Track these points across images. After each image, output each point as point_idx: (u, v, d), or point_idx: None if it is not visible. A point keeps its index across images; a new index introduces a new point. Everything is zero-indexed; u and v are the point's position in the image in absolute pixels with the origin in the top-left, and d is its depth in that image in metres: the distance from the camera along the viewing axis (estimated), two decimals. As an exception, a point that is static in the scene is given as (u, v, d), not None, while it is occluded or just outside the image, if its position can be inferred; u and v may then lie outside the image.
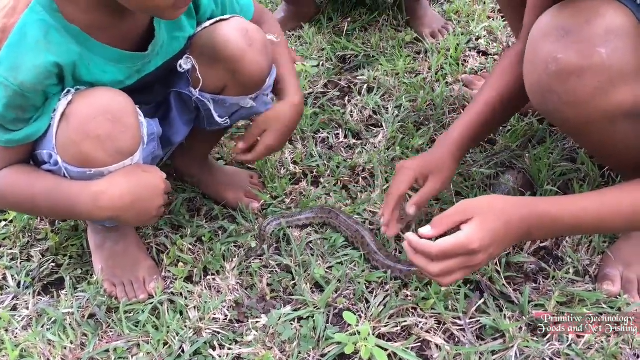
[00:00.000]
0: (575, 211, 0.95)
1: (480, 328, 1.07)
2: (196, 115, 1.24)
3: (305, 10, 2.03)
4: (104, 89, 0.99)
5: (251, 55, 1.12)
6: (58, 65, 0.94)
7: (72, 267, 1.25)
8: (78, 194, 0.99)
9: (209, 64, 1.13)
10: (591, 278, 1.14)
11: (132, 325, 1.10)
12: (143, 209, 1.03)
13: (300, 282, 1.16)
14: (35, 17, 0.93)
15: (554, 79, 0.92)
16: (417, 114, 1.59)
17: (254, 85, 1.17)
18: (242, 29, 1.12)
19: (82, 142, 0.95)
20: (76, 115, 0.95)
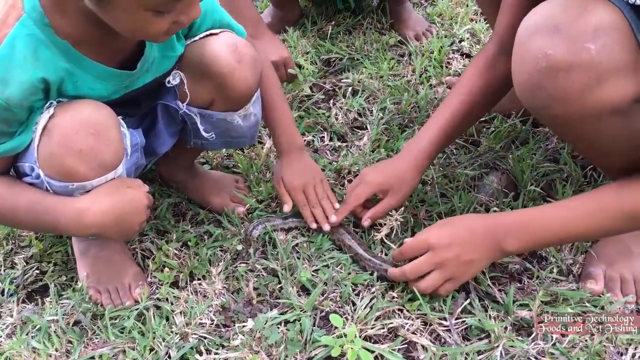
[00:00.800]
0: (543, 216, 1.03)
1: (466, 328, 1.08)
2: (182, 128, 1.24)
3: (290, 14, 2.04)
4: (86, 101, 0.98)
5: (240, 72, 1.12)
6: (45, 81, 0.93)
7: (56, 274, 1.24)
8: (61, 210, 0.98)
9: (198, 78, 1.13)
10: (575, 277, 1.15)
11: (118, 331, 1.10)
12: (126, 225, 1.03)
13: (286, 285, 1.16)
14: (25, 32, 0.90)
15: (544, 75, 0.93)
16: (401, 116, 1.60)
17: (241, 101, 1.18)
18: (231, 44, 1.11)
19: (65, 157, 0.94)
20: (58, 129, 0.94)
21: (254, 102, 1.20)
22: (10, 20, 0.90)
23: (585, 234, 1.03)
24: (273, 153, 1.51)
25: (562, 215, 1.01)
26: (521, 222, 1.04)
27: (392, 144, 1.50)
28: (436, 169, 1.40)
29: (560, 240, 1.10)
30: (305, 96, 1.71)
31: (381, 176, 1.24)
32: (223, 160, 1.53)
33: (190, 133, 1.22)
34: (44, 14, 0.90)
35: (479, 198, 1.31)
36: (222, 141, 1.24)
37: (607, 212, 0.98)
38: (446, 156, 1.46)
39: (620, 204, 0.97)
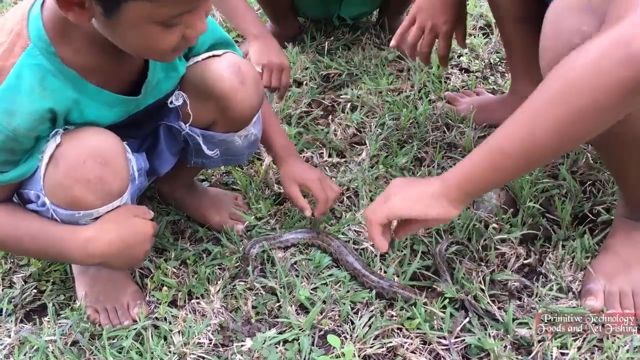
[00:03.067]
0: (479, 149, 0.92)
1: (465, 347, 1.07)
2: (184, 147, 1.24)
3: (289, 30, 2.05)
4: (93, 129, 0.98)
5: (243, 93, 1.12)
6: (52, 111, 0.93)
7: (54, 293, 1.23)
8: (67, 240, 0.98)
9: (200, 99, 1.13)
10: (574, 294, 1.15)
11: (116, 351, 1.09)
12: (131, 255, 1.03)
13: (285, 304, 1.15)
14: (32, 61, 0.90)
15: None
16: (400, 132, 1.60)
17: (243, 122, 1.18)
18: (234, 66, 1.12)
19: (72, 186, 0.94)
20: (65, 158, 0.94)
21: (254, 123, 1.20)
22: (17, 49, 0.90)
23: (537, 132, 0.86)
24: (272, 169, 1.51)
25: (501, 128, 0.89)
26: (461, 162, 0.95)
27: (391, 160, 1.50)
28: (435, 185, 1.40)
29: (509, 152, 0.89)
30: (304, 112, 1.71)
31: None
32: (222, 177, 1.53)
33: (192, 152, 1.22)
34: (50, 43, 0.90)
35: (477, 214, 1.31)
36: (222, 159, 1.25)
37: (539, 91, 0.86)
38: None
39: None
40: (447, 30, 1.42)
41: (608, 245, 1.19)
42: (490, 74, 1.85)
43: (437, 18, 1.40)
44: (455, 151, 1.53)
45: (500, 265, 1.22)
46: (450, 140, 1.57)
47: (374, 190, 1.41)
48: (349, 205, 1.40)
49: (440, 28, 1.41)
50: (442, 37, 1.43)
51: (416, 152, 1.52)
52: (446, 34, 1.42)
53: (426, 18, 1.41)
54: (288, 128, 1.61)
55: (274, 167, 1.52)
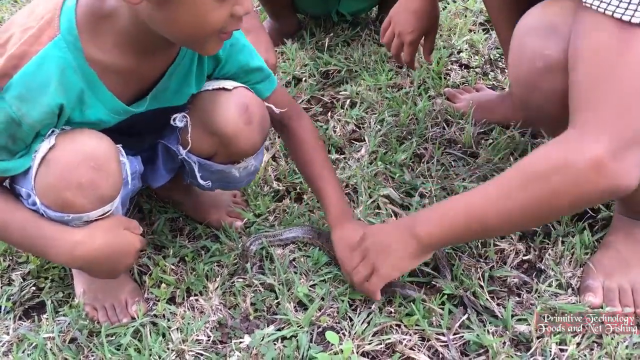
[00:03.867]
0: (449, 199, 1.05)
1: (464, 344, 1.07)
2: (181, 166, 1.23)
3: (288, 26, 2.04)
4: (87, 132, 0.97)
5: (247, 133, 1.11)
6: (62, 106, 0.92)
7: (53, 291, 1.23)
8: (56, 239, 0.98)
9: (203, 131, 1.12)
10: (574, 290, 1.14)
11: (114, 348, 1.09)
12: (113, 266, 1.03)
13: (283, 300, 1.15)
14: (57, 53, 0.90)
15: (540, 74, 0.93)
16: (399, 128, 1.60)
17: (242, 156, 1.17)
18: (242, 105, 1.09)
19: (64, 190, 0.93)
20: (58, 161, 0.93)
21: (256, 156, 1.19)
22: (44, 38, 0.89)
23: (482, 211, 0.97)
24: (271, 166, 1.50)
25: (466, 198, 1.01)
26: (428, 209, 1.09)
27: (390, 156, 1.49)
28: (434, 182, 1.39)
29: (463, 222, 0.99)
30: (303, 108, 1.70)
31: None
32: (221, 174, 1.53)
33: (188, 174, 1.21)
34: (79, 38, 0.90)
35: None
36: (217, 185, 1.23)
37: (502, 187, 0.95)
38: (444, 168, 1.46)
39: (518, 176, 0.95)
40: (411, 40, 1.45)
41: (607, 242, 1.18)
42: (490, 69, 1.85)
43: (404, 27, 1.45)
44: (455, 147, 1.53)
45: (499, 261, 1.22)
46: (449, 136, 1.56)
47: (372, 187, 1.41)
48: (348, 202, 1.40)
49: (405, 37, 1.45)
50: (407, 45, 1.47)
51: (415, 149, 1.52)
52: (411, 43, 1.46)
53: (396, 24, 1.47)
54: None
55: (272, 164, 1.52)
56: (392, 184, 1.43)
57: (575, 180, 0.87)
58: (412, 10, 1.43)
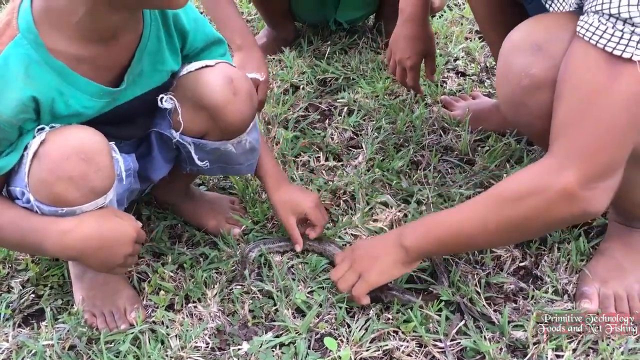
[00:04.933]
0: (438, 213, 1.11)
1: (461, 350, 1.07)
2: (177, 154, 1.24)
3: (286, 34, 2.06)
4: (78, 127, 0.98)
5: (234, 105, 1.13)
6: (35, 100, 0.94)
7: (52, 298, 1.24)
8: (46, 230, 0.98)
9: (192, 109, 1.13)
10: (570, 297, 1.15)
11: (113, 355, 1.09)
12: (108, 255, 1.02)
13: (281, 307, 1.16)
14: (19, 51, 0.92)
15: (526, 92, 0.95)
16: (396, 135, 1.61)
17: (235, 132, 1.18)
18: (227, 77, 1.12)
19: (55, 183, 0.94)
20: (49, 155, 0.94)
21: (249, 131, 1.20)
22: (5, 38, 0.92)
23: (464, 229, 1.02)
24: (269, 174, 1.51)
25: (453, 211, 1.07)
26: (417, 222, 1.13)
27: (388, 164, 1.50)
28: (431, 189, 1.40)
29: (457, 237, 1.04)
30: (300, 116, 1.72)
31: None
32: (219, 181, 1.54)
33: (186, 160, 1.23)
34: (38, 35, 0.92)
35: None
36: (217, 167, 1.25)
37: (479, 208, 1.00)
38: (441, 175, 1.47)
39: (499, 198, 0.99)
40: (411, 65, 1.51)
41: (603, 249, 1.20)
42: (487, 77, 1.86)
43: (402, 53, 1.50)
44: (452, 154, 1.54)
45: (496, 268, 1.23)
46: (446, 143, 1.57)
47: (370, 194, 1.42)
48: (346, 209, 1.41)
49: (405, 63, 1.51)
50: (409, 70, 1.52)
51: (412, 156, 1.53)
52: (411, 68, 1.51)
53: (395, 52, 1.52)
54: (285, 132, 1.62)
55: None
56: (389, 191, 1.44)
57: (546, 206, 0.92)
58: (405, 37, 1.48)
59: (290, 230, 1.28)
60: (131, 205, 1.32)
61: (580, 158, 0.89)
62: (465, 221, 1.01)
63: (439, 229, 1.06)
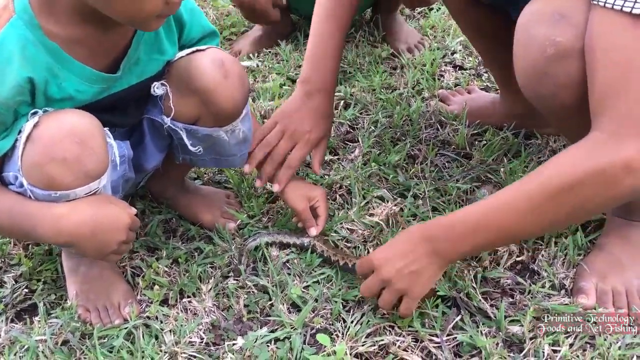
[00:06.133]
0: (469, 212, 1.00)
1: (457, 345, 1.07)
2: (170, 142, 1.24)
3: (282, 27, 2.04)
4: (71, 110, 0.98)
5: (225, 88, 1.12)
6: (31, 80, 0.94)
7: (45, 293, 1.23)
8: (40, 215, 0.97)
9: (184, 93, 1.13)
10: (567, 292, 1.15)
11: (107, 351, 1.08)
12: (102, 241, 1.01)
13: (277, 302, 1.15)
14: (15, 32, 0.92)
15: (551, 62, 0.93)
16: (393, 129, 1.60)
17: (227, 118, 1.17)
18: (218, 60, 1.11)
19: (48, 165, 0.94)
20: (42, 137, 0.94)
21: (242, 119, 1.20)
22: (1, 21, 0.92)
23: (514, 226, 0.95)
24: (265, 168, 1.50)
25: (484, 210, 0.98)
26: (447, 225, 1.01)
27: (384, 158, 1.49)
28: (428, 183, 1.40)
29: (494, 237, 0.99)
30: (297, 110, 1.70)
31: None
32: (214, 175, 1.53)
33: (178, 148, 1.22)
34: (34, 16, 0.92)
35: (470, 212, 1.30)
36: (210, 158, 1.24)
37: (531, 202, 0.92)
38: (438, 170, 1.46)
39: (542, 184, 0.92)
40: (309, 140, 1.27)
41: (601, 244, 1.19)
42: (484, 71, 1.85)
43: (302, 125, 1.26)
44: (449, 148, 1.53)
45: (492, 262, 1.22)
46: (443, 137, 1.56)
47: (366, 188, 1.41)
48: (342, 204, 1.40)
49: (302, 135, 1.26)
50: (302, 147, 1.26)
51: (409, 150, 1.52)
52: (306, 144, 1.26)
53: (288, 122, 1.27)
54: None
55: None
56: (385, 185, 1.43)
57: (608, 185, 0.87)
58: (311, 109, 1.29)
59: (304, 214, 1.26)
60: (125, 199, 1.31)
61: (632, 126, 0.84)
62: (513, 221, 0.95)
63: (476, 235, 0.98)
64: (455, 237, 0.99)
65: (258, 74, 1.87)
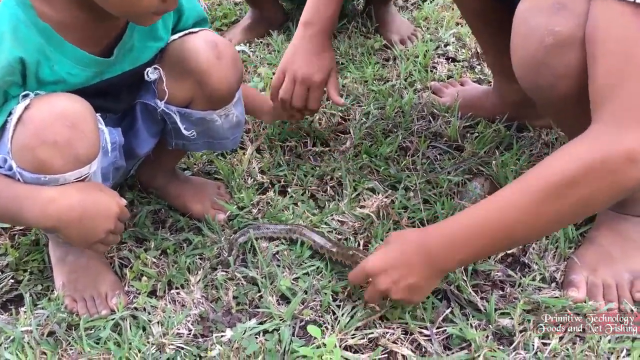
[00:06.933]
0: (470, 216, 0.96)
1: (447, 337, 1.06)
2: (163, 128, 1.22)
3: (272, 15, 2.02)
4: (63, 94, 0.97)
5: (219, 69, 1.11)
6: (22, 61, 0.93)
7: (32, 283, 1.21)
8: (28, 198, 0.96)
9: (177, 76, 1.12)
10: (557, 285, 1.14)
11: (93, 342, 1.07)
12: (89, 228, 0.99)
13: (266, 294, 1.14)
14: (7, 11, 0.91)
15: (550, 51, 0.92)
16: (385, 121, 1.59)
17: (221, 100, 1.16)
18: (211, 42, 1.11)
19: (38, 148, 0.92)
20: (33, 120, 0.92)
21: (235, 103, 1.19)
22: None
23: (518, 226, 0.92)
24: (255, 159, 1.49)
25: (485, 213, 0.94)
26: (448, 235, 0.97)
27: (376, 149, 1.48)
28: (419, 175, 1.39)
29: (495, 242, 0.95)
30: (288, 101, 1.69)
31: None
32: (204, 166, 1.51)
33: (171, 133, 1.21)
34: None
35: (462, 204, 1.30)
36: (203, 142, 1.23)
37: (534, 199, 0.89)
38: (430, 162, 1.45)
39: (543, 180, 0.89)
40: (320, 82, 1.36)
41: (592, 237, 1.18)
42: (477, 63, 1.84)
43: (308, 69, 1.35)
44: (441, 140, 1.52)
45: (483, 255, 1.21)
46: (435, 129, 1.56)
47: (357, 180, 1.40)
48: (332, 195, 1.39)
49: (312, 79, 1.35)
50: (314, 89, 1.37)
51: (401, 142, 1.51)
52: (319, 86, 1.37)
53: (295, 70, 1.36)
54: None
55: (257, 156, 1.50)
56: (377, 177, 1.42)
57: (612, 178, 0.85)
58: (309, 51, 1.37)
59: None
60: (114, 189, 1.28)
61: (635, 118, 0.83)
62: (511, 225, 0.91)
63: (477, 241, 0.94)
64: (455, 246, 0.96)
65: (250, 64, 1.85)
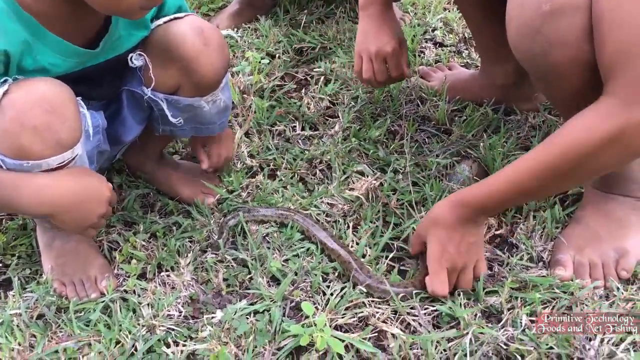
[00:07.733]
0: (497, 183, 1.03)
1: (436, 316, 1.07)
2: (149, 115, 1.22)
3: (262, 2, 2.01)
4: (43, 79, 0.96)
5: (206, 55, 1.11)
6: (7, 53, 0.91)
7: (20, 267, 1.20)
8: (20, 185, 0.95)
9: (163, 62, 1.11)
10: (545, 264, 1.16)
11: (83, 324, 1.07)
12: (83, 213, 1.00)
13: (256, 275, 1.14)
14: None
15: (546, 19, 0.92)
16: (373, 105, 1.59)
17: (208, 86, 1.16)
18: (197, 28, 1.10)
19: (19, 134, 0.91)
20: (12, 105, 0.91)
21: (222, 89, 1.18)
22: None
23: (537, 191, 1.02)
24: (244, 143, 1.49)
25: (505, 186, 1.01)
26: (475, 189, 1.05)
27: (364, 133, 1.49)
28: (408, 158, 1.39)
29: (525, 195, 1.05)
30: (276, 85, 1.69)
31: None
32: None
33: (158, 119, 1.20)
34: None
35: (450, 186, 1.30)
36: (190, 127, 1.23)
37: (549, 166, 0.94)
38: (418, 145, 1.45)
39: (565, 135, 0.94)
40: (393, 50, 1.37)
41: (578, 217, 1.20)
42: (465, 48, 1.85)
43: (377, 42, 1.37)
44: (429, 124, 1.53)
45: (471, 236, 1.22)
46: (423, 113, 1.56)
47: (346, 163, 1.40)
48: (322, 179, 1.39)
49: (385, 49, 1.36)
50: (391, 57, 1.37)
51: (389, 125, 1.51)
52: (393, 54, 1.37)
53: (367, 48, 1.38)
54: (260, 101, 1.59)
55: (246, 140, 1.50)
56: (366, 160, 1.42)
57: (626, 148, 0.88)
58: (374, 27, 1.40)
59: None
60: (101, 173, 1.28)
61: None
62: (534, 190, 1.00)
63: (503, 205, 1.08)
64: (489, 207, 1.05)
65: (237, 49, 1.85)
